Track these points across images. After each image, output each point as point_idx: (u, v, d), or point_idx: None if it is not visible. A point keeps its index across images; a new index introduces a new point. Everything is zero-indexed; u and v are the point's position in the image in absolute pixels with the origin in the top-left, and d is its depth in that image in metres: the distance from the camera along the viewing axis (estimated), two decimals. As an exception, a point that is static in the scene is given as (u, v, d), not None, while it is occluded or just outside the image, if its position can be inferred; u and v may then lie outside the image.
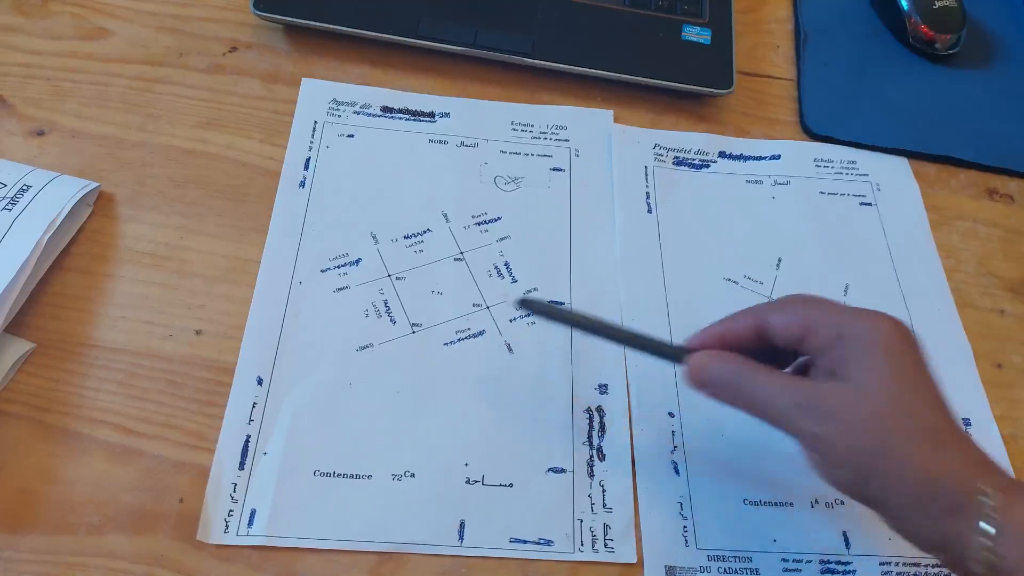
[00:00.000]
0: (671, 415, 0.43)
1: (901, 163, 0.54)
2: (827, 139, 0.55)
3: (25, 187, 0.43)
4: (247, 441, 0.40)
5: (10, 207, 0.42)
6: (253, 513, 0.38)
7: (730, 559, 0.39)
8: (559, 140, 0.52)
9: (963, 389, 0.45)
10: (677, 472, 0.41)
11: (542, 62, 0.53)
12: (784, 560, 0.39)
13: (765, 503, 0.41)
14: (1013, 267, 0.52)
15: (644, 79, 0.53)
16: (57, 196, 0.43)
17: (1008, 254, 0.52)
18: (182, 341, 0.42)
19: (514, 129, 0.52)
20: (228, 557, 0.37)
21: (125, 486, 0.38)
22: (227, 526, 0.37)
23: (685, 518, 0.40)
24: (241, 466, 0.39)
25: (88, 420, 0.40)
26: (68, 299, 0.43)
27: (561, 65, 0.53)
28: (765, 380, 0.34)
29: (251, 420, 0.40)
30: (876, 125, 0.56)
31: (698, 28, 0.56)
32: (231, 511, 0.38)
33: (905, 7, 0.59)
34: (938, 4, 0.59)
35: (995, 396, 0.46)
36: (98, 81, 0.50)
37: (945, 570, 0.39)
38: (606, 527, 0.39)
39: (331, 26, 0.52)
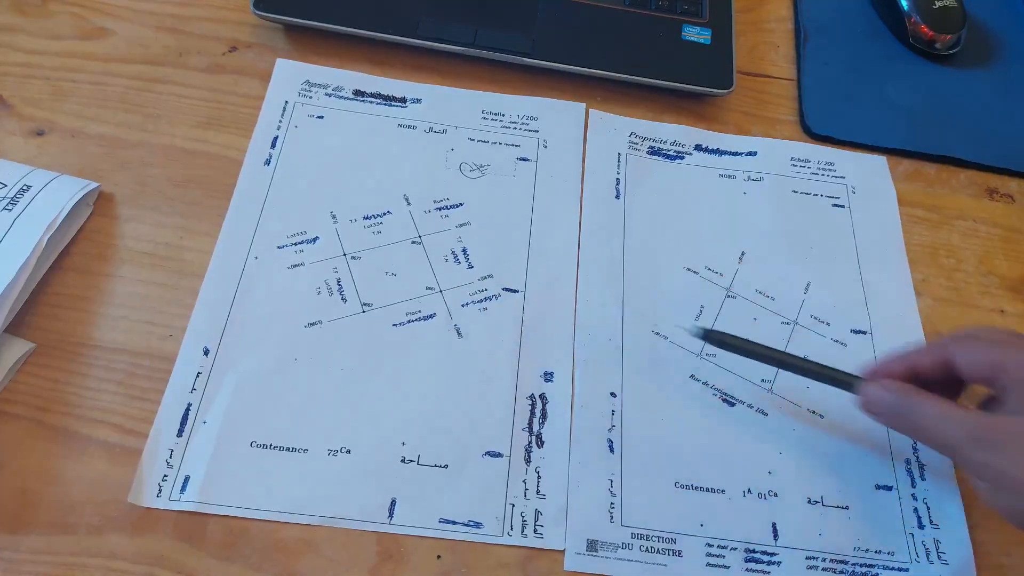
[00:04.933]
0: (613, 395, 0.43)
1: (880, 167, 0.54)
2: (827, 139, 0.55)
3: (25, 187, 0.43)
4: (188, 409, 0.40)
5: (10, 207, 0.42)
6: (187, 480, 0.38)
7: (654, 538, 0.40)
8: (528, 131, 0.52)
9: None
10: (611, 450, 0.42)
11: (542, 62, 0.53)
12: (709, 545, 0.40)
13: (696, 487, 0.41)
14: (1013, 267, 0.52)
15: (644, 79, 0.53)
16: (57, 196, 0.43)
17: (1008, 254, 0.52)
18: (182, 341, 0.42)
19: (484, 117, 0.52)
20: (228, 557, 0.37)
21: (125, 486, 0.38)
22: (160, 490, 0.38)
23: (614, 495, 0.41)
24: (179, 433, 0.40)
25: (88, 420, 0.40)
26: (68, 299, 0.43)
27: (561, 65, 0.53)
28: (937, 411, 0.35)
29: (194, 389, 0.41)
30: (876, 125, 0.56)
31: (698, 28, 0.56)
32: (165, 476, 0.38)
33: (905, 7, 0.59)
34: (938, 4, 0.59)
35: (995, 396, 0.47)
36: (98, 81, 0.50)
37: (872, 570, 0.40)
38: (538, 513, 0.40)
39: (331, 26, 0.52)
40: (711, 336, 0.42)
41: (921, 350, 0.39)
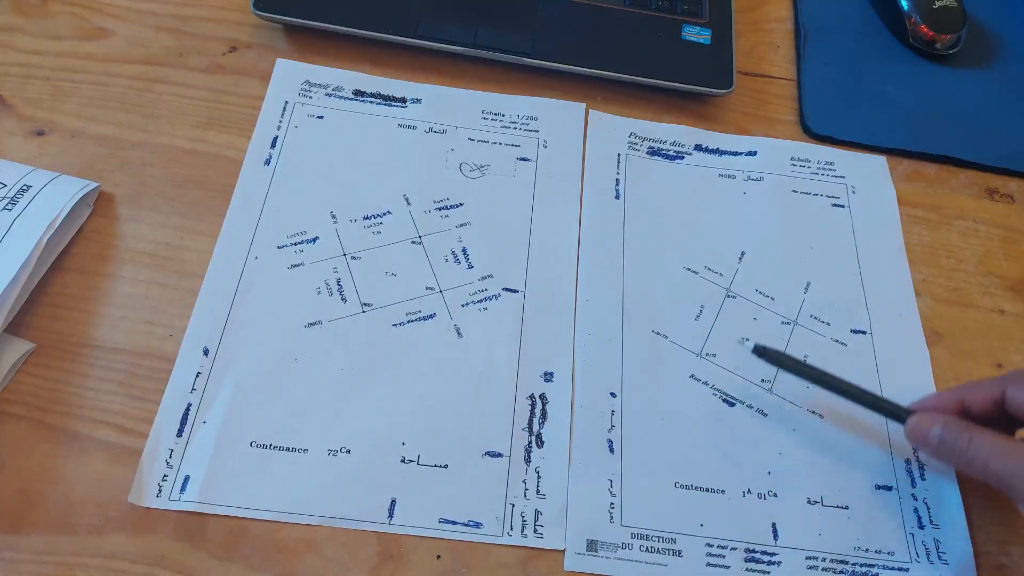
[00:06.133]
0: (613, 395, 0.43)
1: (880, 167, 0.54)
2: (827, 139, 0.55)
3: (25, 187, 0.43)
4: (188, 409, 0.40)
5: (10, 207, 0.42)
6: (187, 480, 0.38)
7: (654, 538, 0.40)
8: (528, 131, 0.52)
9: (917, 393, 0.45)
10: (611, 450, 0.42)
11: (542, 62, 0.53)
12: (709, 545, 0.40)
13: (696, 488, 0.41)
14: (1013, 267, 0.52)
15: (644, 79, 0.53)
16: (57, 196, 0.43)
17: (1008, 254, 0.52)
18: (182, 341, 0.42)
19: (484, 117, 0.52)
20: (228, 557, 0.37)
21: (125, 486, 0.38)
22: (160, 490, 0.38)
23: (614, 495, 0.41)
24: (179, 433, 0.40)
25: (88, 420, 0.40)
26: (68, 299, 0.43)
27: (561, 65, 0.53)
28: (989, 443, 0.36)
29: (193, 389, 0.41)
30: (876, 125, 0.56)
31: (698, 28, 0.56)
32: (165, 476, 0.38)
33: (905, 7, 0.59)
34: (938, 4, 0.59)
35: (995, 396, 0.46)
36: (98, 81, 0.50)
37: (872, 570, 0.40)
38: (537, 513, 0.40)
39: (331, 26, 0.52)
40: (765, 353, 0.42)
41: (972, 386, 0.40)
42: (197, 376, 0.41)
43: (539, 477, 0.41)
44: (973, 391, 0.39)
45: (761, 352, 0.43)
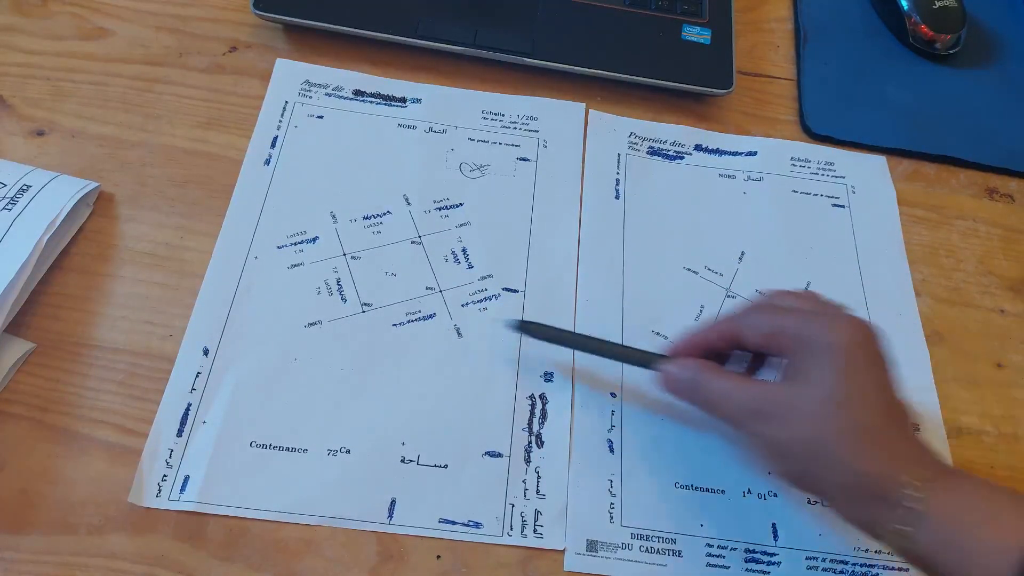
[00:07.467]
0: (613, 395, 0.44)
1: (880, 167, 0.54)
2: (827, 139, 0.55)
3: (25, 187, 0.43)
4: (187, 409, 0.40)
5: (10, 207, 0.42)
6: (187, 480, 0.39)
7: (654, 539, 0.40)
8: (528, 131, 0.52)
9: (917, 392, 0.45)
10: (611, 450, 0.42)
11: (542, 62, 0.53)
12: (709, 545, 0.40)
13: (696, 488, 0.41)
14: (1013, 266, 0.52)
15: (644, 79, 0.53)
16: (57, 196, 0.43)
17: (1008, 254, 0.52)
18: (182, 341, 0.42)
19: (484, 117, 0.52)
20: (228, 557, 0.37)
21: (125, 486, 0.38)
22: (159, 490, 0.38)
23: (613, 495, 0.41)
24: (179, 433, 0.40)
25: (88, 420, 0.40)
26: (68, 299, 0.43)
27: (561, 65, 0.53)
28: (721, 384, 0.36)
29: (193, 389, 0.41)
30: (876, 125, 0.56)
31: (698, 28, 0.56)
32: (165, 476, 0.38)
33: (905, 7, 0.59)
34: (938, 4, 0.59)
35: (995, 396, 0.46)
36: (98, 81, 0.50)
37: (872, 570, 0.40)
38: (537, 513, 0.40)
39: (331, 26, 0.52)
40: (523, 327, 0.42)
41: (713, 325, 0.39)
42: (197, 376, 0.41)
43: (539, 477, 0.41)
44: (712, 331, 0.38)
45: (523, 328, 0.42)
